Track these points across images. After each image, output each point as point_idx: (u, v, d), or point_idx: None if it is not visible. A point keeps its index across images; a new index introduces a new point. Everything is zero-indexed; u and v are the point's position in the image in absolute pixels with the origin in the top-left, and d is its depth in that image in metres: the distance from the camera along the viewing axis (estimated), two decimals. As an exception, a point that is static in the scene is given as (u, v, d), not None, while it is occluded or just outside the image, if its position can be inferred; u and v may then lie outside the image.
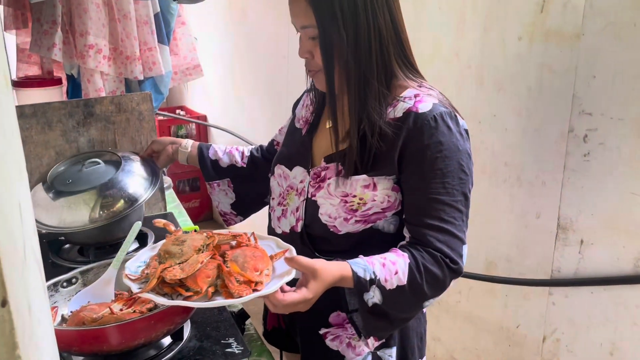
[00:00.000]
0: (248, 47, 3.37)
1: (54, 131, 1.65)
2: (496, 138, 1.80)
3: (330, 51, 1.00)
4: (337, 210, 1.06)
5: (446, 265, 1.00)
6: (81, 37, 2.28)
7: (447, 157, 0.99)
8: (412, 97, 1.04)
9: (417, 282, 0.98)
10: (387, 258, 0.99)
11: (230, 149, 1.47)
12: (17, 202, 0.52)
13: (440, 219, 1.00)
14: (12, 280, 0.41)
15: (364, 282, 0.95)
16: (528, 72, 1.66)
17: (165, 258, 0.93)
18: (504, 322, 1.90)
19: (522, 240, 1.78)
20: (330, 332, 1.15)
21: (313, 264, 0.92)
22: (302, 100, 1.30)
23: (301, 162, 1.16)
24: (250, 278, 0.91)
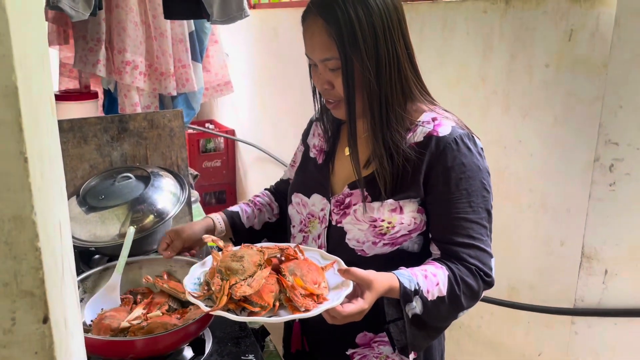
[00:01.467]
0: (278, 65, 3.43)
1: (89, 145, 1.72)
2: (521, 164, 1.80)
3: (352, 81, 1.03)
4: (365, 235, 1.09)
5: (480, 277, 1.06)
6: (119, 53, 2.37)
7: (470, 177, 1.05)
8: (430, 120, 1.09)
9: (455, 293, 1.03)
10: (427, 270, 1.03)
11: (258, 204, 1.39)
12: (58, 222, 0.56)
13: (469, 236, 1.05)
14: (52, 297, 0.45)
15: (409, 293, 0.99)
16: (554, 99, 1.66)
17: (228, 275, 0.95)
18: (525, 350, 1.88)
19: (546, 268, 1.77)
20: (357, 352, 1.17)
21: (369, 275, 0.96)
22: (312, 130, 1.31)
23: (320, 190, 1.18)
24: (313, 291, 0.94)
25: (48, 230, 0.46)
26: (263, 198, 1.41)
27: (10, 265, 0.41)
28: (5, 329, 0.41)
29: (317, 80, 1.10)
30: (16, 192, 0.41)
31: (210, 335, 1.19)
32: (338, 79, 1.05)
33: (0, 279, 0.41)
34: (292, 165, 1.39)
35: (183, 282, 1.01)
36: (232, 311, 0.93)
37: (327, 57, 1.04)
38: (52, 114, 0.61)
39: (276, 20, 3.39)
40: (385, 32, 1.02)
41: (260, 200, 1.40)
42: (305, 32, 1.07)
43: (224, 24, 2.03)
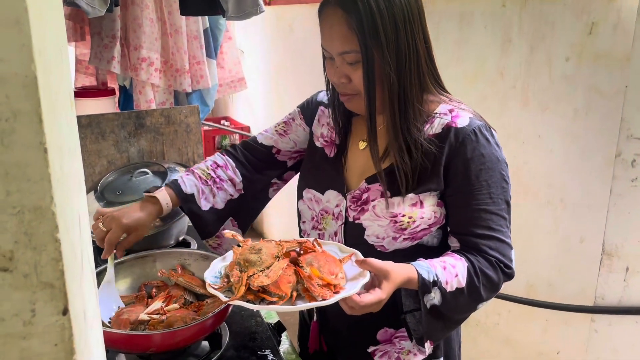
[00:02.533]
0: (293, 61, 3.43)
1: (107, 141, 1.73)
2: (540, 159, 1.77)
3: (373, 75, 1.02)
4: (385, 231, 1.07)
5: (500, 269, 1.05)
6: (135, 50, 2.38)
7: (490, 169, 1.04)
8: (447, 112, 1.07)
9: (474, 285, 1.02)
10: (446, 261, 1.02)
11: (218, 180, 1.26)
12: (77, 215, 0.56)
13: (490, 228, 1.04)
14: (72, 289, 0.44)
15: (427, 284, 0.99)
16: (575, 93, 1.63)
17: (246, 266, 0.96)
18: (543, 348, 1.86)
19: (565, 265, 1.74)
20: (379, 349, 1.17)
21: (386, 265, 0.95)
22: (318, 116, 1.26)
23: (334, 186, 1.16)
24: (330, 281, 0.94)
25: (67, 223, 0.46)
26: (225, 171, 1.27)
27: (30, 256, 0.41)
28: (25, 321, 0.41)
29: (333, 74, 1.08)
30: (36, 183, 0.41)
31: (227, 330, 1.19)
32: (356, 73, 1.04)
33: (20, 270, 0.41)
34: (280, 133, 1.30)
35: (204, 276, 1.02)
36: (250, 302, 0.94)
37: (347, 50, 1.02)
38: (71, 107, 0.61)
39: (291, 16, 3.38)
40: (406, 25, 1.00)
41: (222, 175, 1.27)
42: (322, 23, 1.05)
43: (240, 19, 2.03)
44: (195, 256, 1.28)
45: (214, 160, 1.30)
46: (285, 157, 1.30)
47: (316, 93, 1.31)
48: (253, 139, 1.32)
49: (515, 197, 1.87)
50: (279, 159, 1.30)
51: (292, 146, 1.30)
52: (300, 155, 1.32)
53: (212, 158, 1.31)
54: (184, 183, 1.22)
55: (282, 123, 1.31)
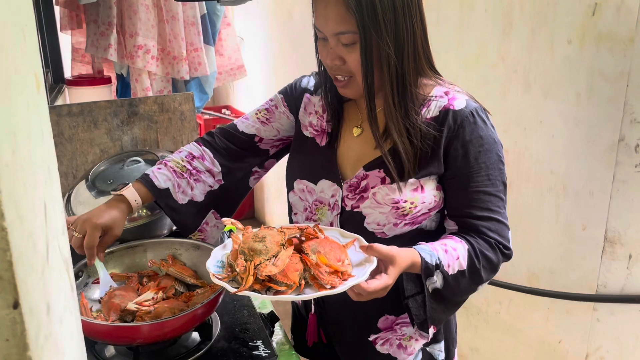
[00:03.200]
0: (293, 47, 3.39)
1: (100, 129, 1.70)
2: (542, 145, 1.73)
3: (371, 57, 0.98)
4: (387, 218, 1.06)
5: (499, 250, 1.05)
6: (131, 37, 2.35)
7: (488, 151, 1.04)
8: (443, 94, 1.06)
9: (475, 267, 1.02)
10: (447, 244, 1.02)
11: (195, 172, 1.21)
12: (41, 202, 0.53)
13: (489, 209, 1.05)
14: (26, 282, 0.42)
15: (430, 267, 0.98)
16: (577, 77, 1.59)
17: (252, 255, 0.93)
18: (545, 336, 1.83)
19: (567, 253, 1.71)
20: (380, 336, 1.16)
21: (391, 250, 0.94)
22: (304, 104, 1.21)
23: (328, 176, 1.12)
24: (337, 268, 0.92)
25: (22, 210, 0.43)
26: (202, 163, 1.22)
27: (-27, 246, 0.38)
28: (-27, 314, 0.39)
29: (326, 55, 1.04)
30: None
31: (218, 320, 1.17)
32: (351, 54, 1.00)
33: (-35, 261, 0.38)
34: (262, 121, 1.24)
35: (206, 266, 0.98)
36: (257, 292, 0.91)
37: (342, 30, 0.98)
38: (37, 89, 0.58)
39: (291, 2, 3.33)
40: (404, 6, 0.97)
41: (199, 167, 1.21)
42: (317, 3, 1.01)
43: (234, 4, 1.99)
44: (187, 246, 1.26)
45: (189, 151, 1.24)
46: (267, 145, 1.26)
47: (299, 78, 1.26)
48: (232, 126, 1.27)
49: (517, 184, 1.84)
50: (261, 147, 1.26)
51: (275, 134, 1.25)
52: (282, 143, 1.28)
53: (187, 148, 1.26)
54: (157, 178, 1.17)
55: (263, 110, 1.25)
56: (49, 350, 0.48)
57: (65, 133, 1.67)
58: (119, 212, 1.11)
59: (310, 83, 1.23)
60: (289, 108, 1.23)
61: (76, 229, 1.08)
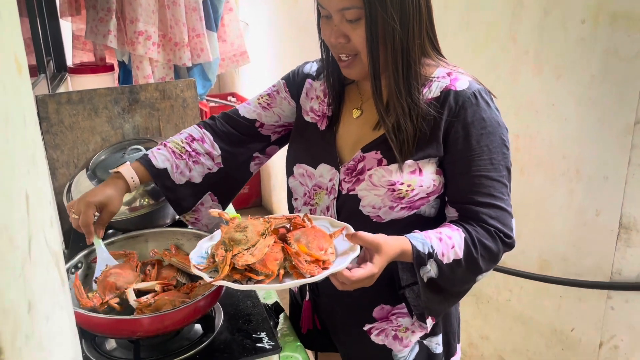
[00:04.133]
0: (299, 32, 3.33)
1: (100, 117, 1.67)
2: (554, 129, 1.68)
3: (376, 32, 0.95)
4: (382, 200, 1.02)
5: (500, 239, 1.01)
6: (131, 23, 2.31)
7: (491, 133, 1.00)
8: (446, 75, 1.03)
9: (472, 256, 0.98)
10: (442, 232, 0.99)
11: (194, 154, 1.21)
12: (22, 193, 0.50)
13: (491, 195, 1.00)
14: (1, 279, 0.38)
15: (422, 256, 0.95)
16: (591, 58, 1.53)
17: (232, 245, 0.93)
18: (557, 325, 1.79)
19: (580, 239, 1.66)
20: (375, 326, 1.13)
21: (377, 238, 0.91)
22: (306, 90, 1.19)
23: (327, 159, 1.10)
24: (318, 257, 0.90)
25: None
26: (201, 145, 1.21)
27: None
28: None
29: (330, 33, 1.01)
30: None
31: (221, 312, 1.14)
32: (355, 31, 0.97)
33: None
34: (263, 106, 1.23)
35: (189, 256, 0.98)
36: (237, 282, 0.90)
37: (347, 5, 0.95)
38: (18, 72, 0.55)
39: (295, -14, 3.27)
40: None
41: (198, 149, 1.21)
42: None
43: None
44: (189, 236, 1.23)
45: (190, 133, 1.24)
46: (269, 131, 1.24)
47: (302, 64, 1.24)
48: (234, 111, 1.26)
49: (528, 169, 1.79)
50: (263, 133, 1.24)
51: (277, 120, 1.23)
52: (284, 130, 1.26)
53: (187, 130, 1.26)
54: (155, 158, 1.18)
55: (265, 95, 1.25)
56: (29, 351, 0.45)
57: (65, 121, 1.64)
58: (114, 189, 1.11)
59: (312, 68, 1.21)
60: (290, 93, 1.22)
61: (75, 210, 1.08)
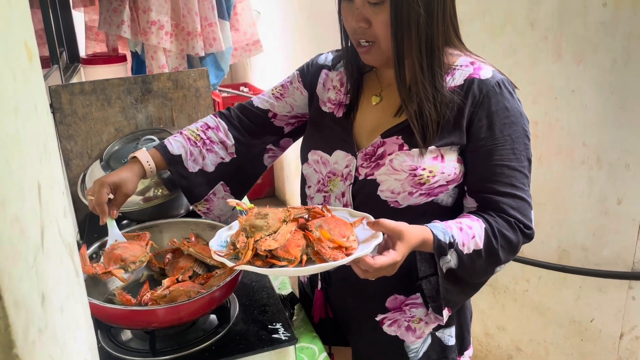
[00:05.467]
0: (312, 20, 3.29)
1: (113, 108, 1.66)
2: (574, 115, 1.64)
3: (400, 17, 0.93)
4: (402, 185, 1.01)
5: (520, 230, 1.00)
6: (144, 13, 2.29)
7: (513, 123, 0.99)
8: (469, 64, 1.02)
9: (493, 246, 0.97)
10: (463, 222, 0.98)
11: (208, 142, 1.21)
12: (34, 183, 0.49)
13: (512, 185, 0.99)
14: (10, 272, 0.37)
15: (443, 246, 0.94)
16: (613, 42, 1.49)
17: (253, 232, 0.92)
18: (576, 315, 1.76)
19: (600, 228, 1.63)
20: (388, 317, 1.12)
21: (399, 226, 0.90)
22: (322, 80, 1.18)
23: (343, 146, 1.09)
24: (341, 243, 0.89)
25: (3, 193, 0.39)
26: (216, 133, 1.22)
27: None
28: (-49, 311, 0.34)
29: (351, 17, 0.99)
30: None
31: (236, 302, 1.13)
32: (378, 16, 0.95)
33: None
34: (276, 97, 1.23)
35: (209, 244, 0.97)
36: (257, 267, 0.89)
37: None
38: (29, 59, 0.53)
39: (307, -27, 3.24)
40: None
41: (213, 137, 1.21)
42: None
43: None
44: (203, 226, 1.22)
45: (205, 121, 1.24)
46: (282, 122, 1.24)
47: (316, 56, 1.23)
48: (249, 102, 1.26)
49: (546, 157, 1.75)
50: (276, 124, 1.24)
51: (289, 110, 1.23)
52: (298, 122, 1.25)
53: (203, 119, 1.26)
54: (171, 144, 1.19)
55: (279, 86, 1.25)
56: (43, 343, 0.44)
57: (78, 112, 1.63)
58: (129, 172, 1.13)
59: (328, 59, 1.20)
60: (302, 83, 1.21)
61: (89, 192, 1.10)
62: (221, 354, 0.98)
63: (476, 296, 1.20)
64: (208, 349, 1.00)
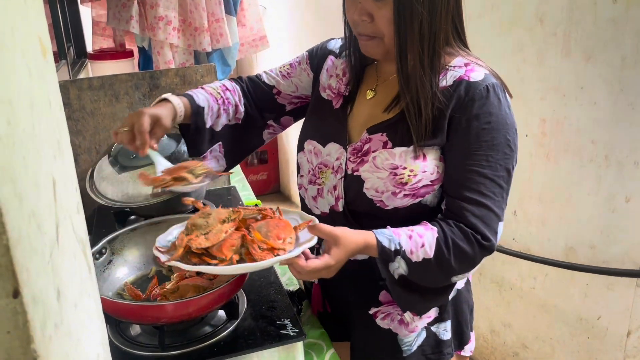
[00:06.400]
0: (318, 16, 3.29)
1: (121, 103, 1.67)
2: (583, 113, 1.63)
3: (403, 13, 0.93)
4: (384, 184, 1.01)
5: (477, 242, 0.97)
6: (151, 9, 2.30)
7: (494, 130, 0.96)
8: (463, 65, 1.00)
9: (444, 256, 0.96)
10: (414, 230, 0.98)
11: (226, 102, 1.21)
12: (49, 179, 0.49)
13: (480, 192, 0.97)
14: (28, 267, 0.37)
15: (388, 252, 0.95)
16: (623, 39, 1.48)
17: (191, 230, 0.97)
18: (582, 313, 1.76)
19: (608, 226, 1.62)
20: (381, 310, 1.12)
21: (334, 231, 0.93)
22: (327, 66, 1.18)
23: (336, 138, 1.09)
24: (273, 245, 0.93)
25: (21, 188, 0.39)
26: (232, 96, 1.22)
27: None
28: (-31, 306, 0.35)
29: (354, 11, 0.98)
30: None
31: (244, 298, 1.13)
32: (380, 11, 0.95)
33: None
34: (283, 75, 1.24)
35: (156, 239, 1.03)
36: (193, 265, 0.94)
37: None
38: (43, 55, 0.53)
39: (314, -31, 3.23)
40: None
41: (230, 99, 1.21)
42: None
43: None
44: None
45: (223, 83, 1.25)
46: (285, 100, 1.25)
47: (327, 40, 1.24)
48: (257, 75, 1.28)
49: (554, 154, 1.74)
50: (279, 101, 1.25)
51: (294, 90, 1.24)
52: (301, 102, 1.26)
53: (220, 82, 1.26)
54: (197, 96, 1.15)
55: (287, 65, 1.26)
56: (59, 339, 0.44)
57: (87, 107, 1.64)
58: (164, 109, 1.08)
59: (337, 45, 1.20)
60: (310, 65, 1.22)
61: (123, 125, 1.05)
62: (230, 350, 0.99)
63: (482, 293, 1.21)
64: (217, 345, 1.01)
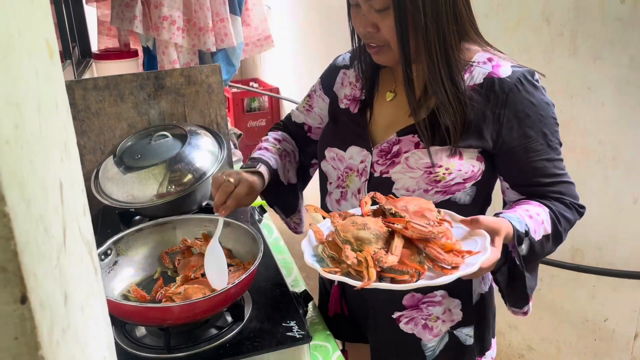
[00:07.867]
0: (322, 16, 3.28)
1: (126, 103, 1.66)
2: (590, 113, 1.62)
3: (405, 22, 0.94)
4: (417, 183, 1.01)
5: (575, 209, 1.03)
6: (156, 8, 2.29)
7: (542, 116, 0.99)
8: (487, 61, 1.01)
9: (558, 230, 1.00)
10: (530, 210, 0.99)
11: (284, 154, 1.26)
12: (56, 182, 0.49)
13: (555, 174, 1.02)
14: (36, 272, 0.37)
15: (521, 236, 0.95)
16: (631, 39, 1.47)
17: (360, 245, 0.87)
18: (589, 315, 1.75)
19: (615, 228, 1.61)
20: (405, 314, 1.11)
21: (496, 222, 0.90)
22: (340, 79, 1.20)
23: (358, 142, 1.09)
24: (452, 246, 0.87)
25: (29, 192, 0.38)
26: (286, 145, 1.28)
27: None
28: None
29: (359, 23, 1.00)
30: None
31: (250, 300, 1.13)
32: (384, 21, 0.96)
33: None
34: (307, 109, 1.28)
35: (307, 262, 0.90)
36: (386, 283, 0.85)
37: None
38: (50, 57, 0.53)
39: (318, -32, 3.22)
40: None
41: (287, 148, 1.27)
42: None
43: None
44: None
45: (273, 136, 1.29)
46: (316, 135, 1.27)
47: (334, 59, 1.25)
48: (288, 116, 1.33)
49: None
50: (312, 138, 1.29)
51: (320, 122, 1.27)
52: None
53: (269, 136, 1.30)
54: (269, 159, 1.20)
55: (306, 97, 1.29)
56: (66, 343, 0.44)
57: (91, 108, 1.64)
58: (259, 182, 1.12)
59: (345, 58, 1.22)
60: (323, 90, 1.24)
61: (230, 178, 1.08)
62: (235, 352, 0.98)
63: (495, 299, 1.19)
64: (222, 346, 1.00)
